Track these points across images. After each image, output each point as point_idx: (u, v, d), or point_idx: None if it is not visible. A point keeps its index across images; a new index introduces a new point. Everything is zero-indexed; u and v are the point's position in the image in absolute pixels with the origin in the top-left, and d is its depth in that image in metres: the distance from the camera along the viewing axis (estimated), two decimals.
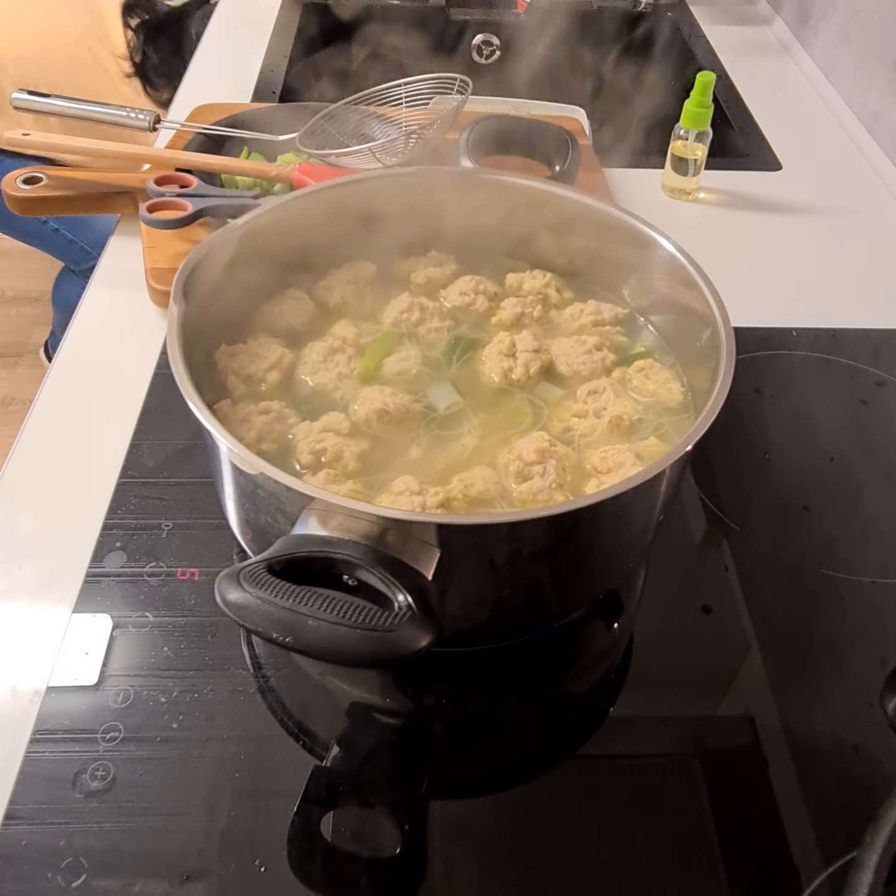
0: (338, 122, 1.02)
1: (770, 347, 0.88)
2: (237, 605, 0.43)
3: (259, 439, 0.59)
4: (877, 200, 1.12)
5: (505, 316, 0.71)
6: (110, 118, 0.98)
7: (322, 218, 0.70)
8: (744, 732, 0.58)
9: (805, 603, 0.66)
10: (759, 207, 1.09)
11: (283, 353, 0.66)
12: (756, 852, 0.52)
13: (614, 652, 0.63)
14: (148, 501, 0.69)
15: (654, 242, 0.66)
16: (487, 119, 1.06)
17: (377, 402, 0.62)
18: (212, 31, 1.44)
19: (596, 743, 0.58)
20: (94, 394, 0.79)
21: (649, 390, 0.65)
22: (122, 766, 0.54)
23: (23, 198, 0.93)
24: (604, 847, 0.52)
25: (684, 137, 1.04)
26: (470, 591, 0.53)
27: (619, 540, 0.57)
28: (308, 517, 0.47)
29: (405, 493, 0.55)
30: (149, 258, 0.87)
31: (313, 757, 0.55)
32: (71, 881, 0.49)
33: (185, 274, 0.59)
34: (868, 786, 0.55)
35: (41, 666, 0.59)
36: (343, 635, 0.42)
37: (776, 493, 0.75)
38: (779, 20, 1.50)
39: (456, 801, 0.55)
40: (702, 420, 0.52)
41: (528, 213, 0.73)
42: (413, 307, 0.70)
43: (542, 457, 0.58)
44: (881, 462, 0.78)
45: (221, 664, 0.59)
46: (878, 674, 0.61)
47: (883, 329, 0.91)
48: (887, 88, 1.16)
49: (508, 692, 0.61)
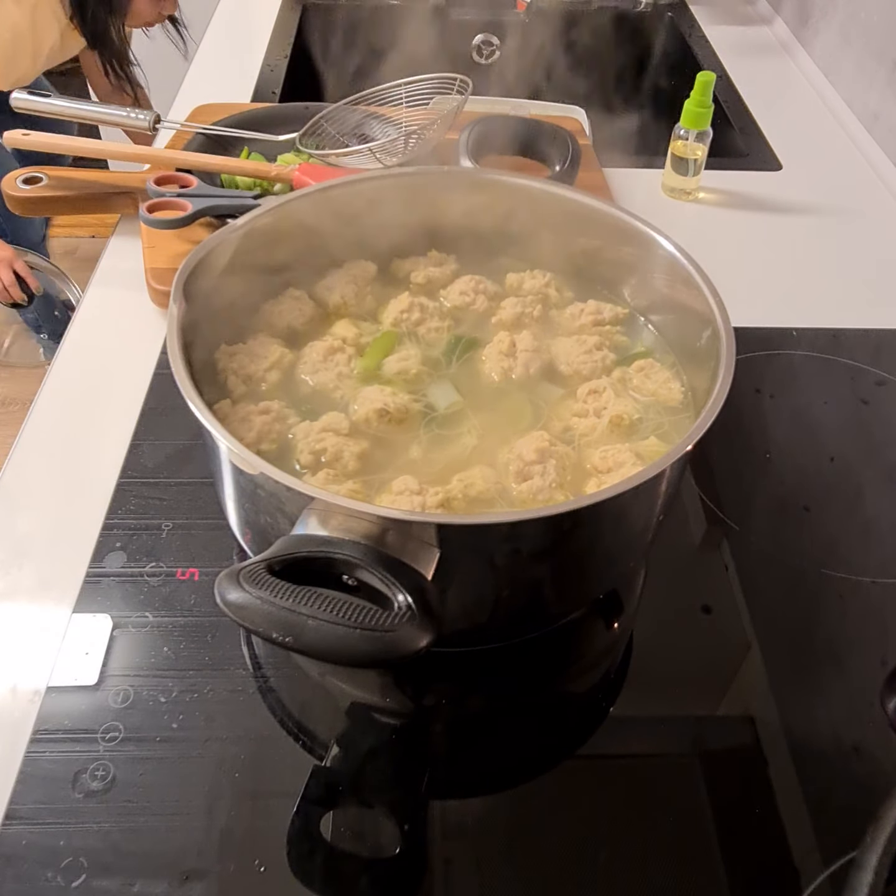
0: (338, 122, 1.02)
1: (770, 347, 0.88)
2: (237, 605, 0.43)
3: (259, 439, 0.59)
4: (877, 200, 1.12)
5: (505, 315, 0.71)
6: (110, 118, 0.98)
7: (322, 218, 0.70)
8: (744, 732, 0.58)
9: (805, 603, 0.66)
10: (759, 207, 1.09)
11: (282, 353, 0.66)
12: (756, 852, 0.52)
13: (614, 652, 0.63)
14: (148, 501, 0.69)
15: (654, 242, 0.66)
16: (487, 119, 1.06)
17: (377, 401, 0.62)
18: (212, 31, 1.44)
19: (596, 743, 0.58)
20: (94, 394, 0.79)
21: (649, 390, 0.65)
22: (122, 766, 0.54)
23: (23, 198, 0.93)
24: (604, 847, 0.52)
25: (684, 137, 1.04)
26: (470, 591, 0.53)
27: (619, 540, 0.57)
28: (308, 517, 0.47)
29: (405, 492, 0.55)
30: (149, 258, 0.87)
31: (313, 757, 0.55)
32: (71, 881, 0.49)
33: (185, 274, 0.59)
34: (868, 786, 0.55)
35: (41, 666, 0.59)
36: (343, 635, 0.42)
37: (776, 493, 0.75)
38: (779, 20, 1.50)
39: (456, 801, 0.55)
40: (702, 420, 0.52)
41: (528, 213, 0.73)
42: (413, 307, 0.70)
43: (542, 456, 0.58)
44: (881, 462, 0.78)
45: (221, 664, 0.59)
46: (878, 674, 0.61)
47: (883, 329, 0.91)
48: (887, 88, 1.16)
49: (508, 692, 0.61)
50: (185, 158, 0.94)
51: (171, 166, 0.93)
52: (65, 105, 0.97)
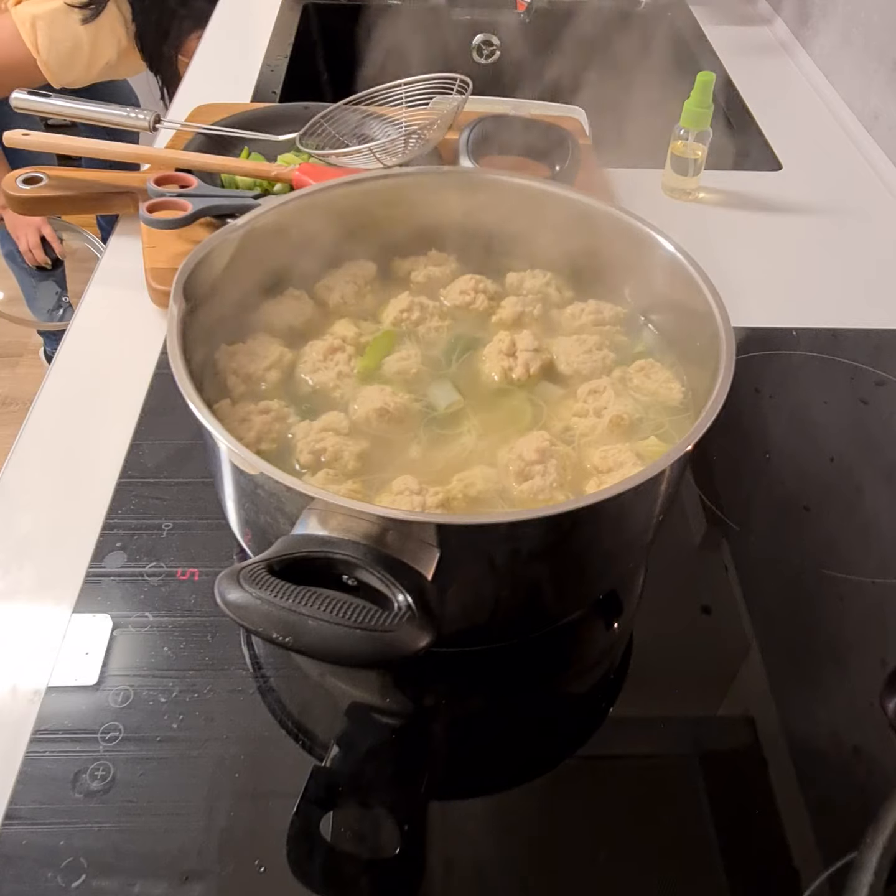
0: (338, 122, 1.01)
1: (770, 347, 0.88)
2: (237, 605, 0.43)
3: (259, 439, 0.59)
4: (877, 200, 1.12)
5: (505, 315, 0.71)
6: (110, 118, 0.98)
7: (322, 218, 0.70)
8: (744, 732, 0.58)
9: (805, 603, 0.66)
10: (759, 207, 1.09)
11: (282, 353, 0.66)
12: (756, 852, 0.52)
13: (614, 652, 0.63)
14: (148, 501, 0.69)
15: (654, 242, 0.66)
16: (487, 119, 1.06)
17: (377, 401, 0.62)
18: (212, 31, 1.44)
19: (596, 743, 0.58)
20: (94, 394, 0.79)
21: (650, 390, 0.65)
22: (122, 766, 0.54)
23: (23, 198, 0.93)
24: (604, 847, 0.52)
25: (684, 137, 1.04)
26: (470, 591, 0.53)
27: (619, 540, 0.57)
28: (308, 517, 0.47)
29: (405, 492, 0.55)
30: (149, 258, 0.87)
31: (313, 757, 0.55)
32: (71, 881, 0.49)
33: (185, 274, 0.59)
34: (868, 786, 0.55)
35: (41, 666, 0.59)
36: (343, 635, 0.42)
37: (776, 493, 0.75)
38: (779, 20, 1.50)
39: (455, 802, 0.55)
40: (702, 420, 0.52)
41: (528, 213, 0.73)
42: (413, 306, 0.70)
43: (542, 456, 0.58)
44: (881, 462, 0.78)
45: (221, 664, 0.59)
46: (878, 674, 0.61)
47: (883, 329, 0.91)
48: (887, 88, 1.16)
49: (508, 692, 0.60)
50: (185, 158, 0.94)
51: (171, 166, 0.93)
52: (65, 105, 0.97)
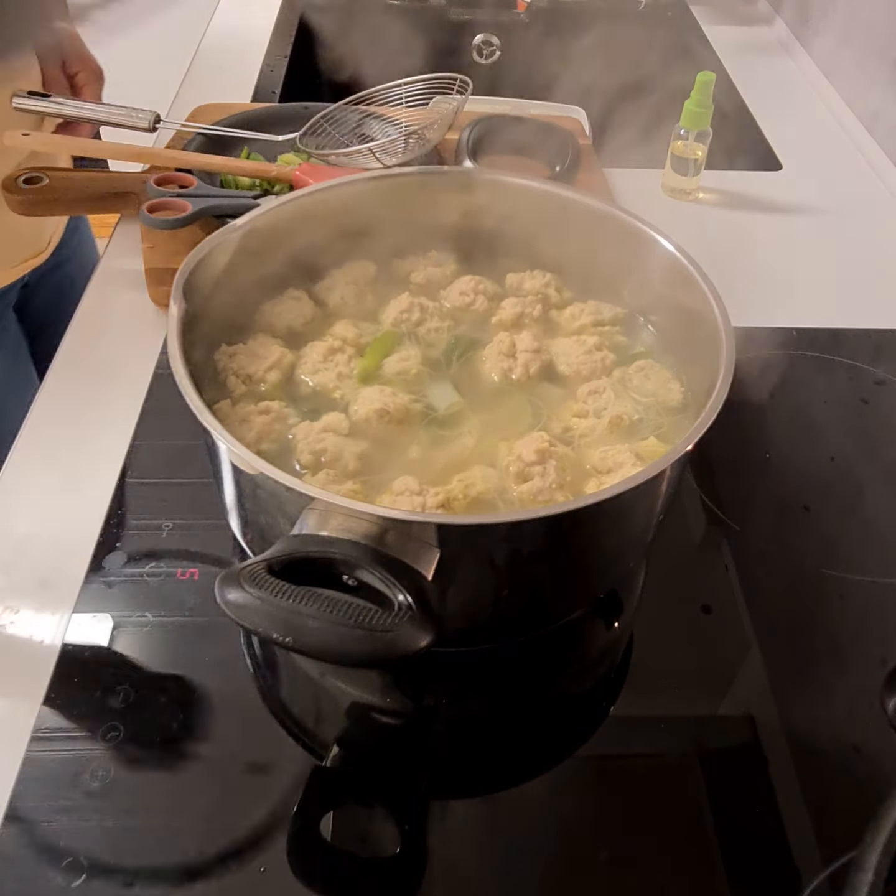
0: (338, 122, 1.02)
1: (770, 347, 0.88)
2: (237, 605, 0.43)
3: (259, 439, 0.59)
4: (877, 200, 1.12)
5: (505, 316, 0.71)
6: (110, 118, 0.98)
7: (322, 218, 0.70)
8: (744, 732, 0.58)
9: (805, 603, 0.66)
10: (759, 207, 1.09)
11: (282, 353, 0.66)
12: (756, 852, 0.52)
13: (614, 652, 0.63)
14: (148, 501, 0.69)
15: (654, 242, 0.66)
16: (487, 119, 1.06)
17: (377, 402, 0.62)
18: (212, 31, 1.44)
19: (596, 742, 0.58)
20: (93, 394, 0.79)
21: (649, 390, 0.65)
22: (122, 766, 0.54)
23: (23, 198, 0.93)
24: (604, 847, 0.52)
25: (684, 137, 1.04)
26: (470, 591, 0.53)
27: (619, 540, 0.57)
28: (308, 517, 0.47)
29: (405, 493, 0.55)
30: (149, 258, 0.87)
31: (313, 757, 0.55)
32: (71, 881, 0.49)
33: (185, 274, 0.59)
34: (868, 786, 0.55)
35: (41, 666, 0.59)
36: (343, 635, 0.42)
37: (776, 493, 0.75)
38: (779, 20, 1.50)
39: (456, 801, 0.55)
40: (702, 420, 0.52)
41: (528, 213, 0.73)
42: (413, 307, 0.70)
43: (542, 457, 0.58)
44: (881, 462, 0.78)
45: (221, 664, 0.59)
46: (878, 674, 0.61)
47: (883, 329, 0.91)
48: (887, 88, 1.16)
49: (508, 692, 0.61)
50: (185, 158, 0.94)
51: (171, 166, 0.93)
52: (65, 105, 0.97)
